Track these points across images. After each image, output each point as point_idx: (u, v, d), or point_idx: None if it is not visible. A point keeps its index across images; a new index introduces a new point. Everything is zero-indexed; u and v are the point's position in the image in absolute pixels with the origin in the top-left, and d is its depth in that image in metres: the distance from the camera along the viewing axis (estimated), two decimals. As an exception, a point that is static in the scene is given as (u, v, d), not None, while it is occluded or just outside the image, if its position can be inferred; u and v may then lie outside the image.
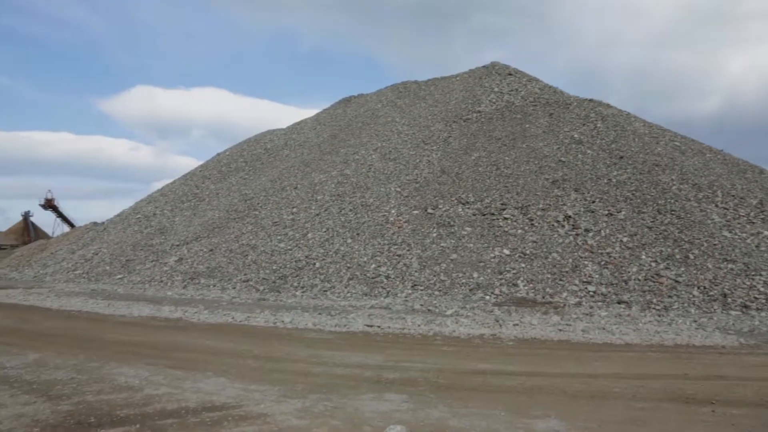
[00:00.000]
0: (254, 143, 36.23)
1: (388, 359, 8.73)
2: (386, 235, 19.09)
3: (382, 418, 5.66)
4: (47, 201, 72.00)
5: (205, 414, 5.75)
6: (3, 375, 7.41)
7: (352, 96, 38.10)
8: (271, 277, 18.47)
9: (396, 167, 23.97)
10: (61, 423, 5.42)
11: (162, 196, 32.85)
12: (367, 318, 12.98)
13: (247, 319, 13.16)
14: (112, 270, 23.69)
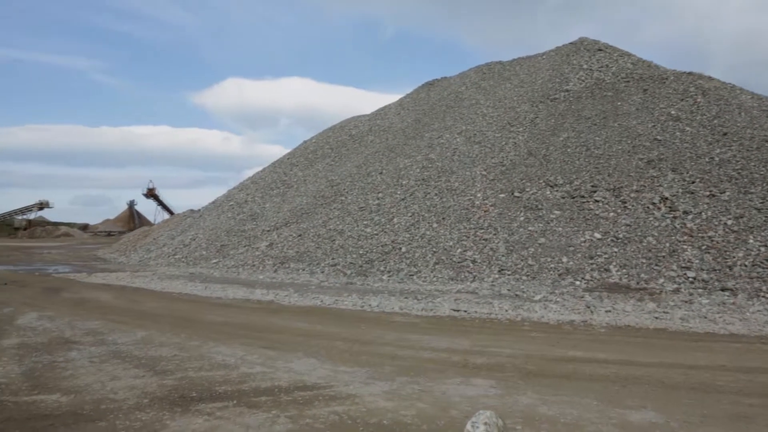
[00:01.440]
0: (339, 130, 36.82)
1: (475, 344, 8.71)
2: (472, 219, 18.92)
3: (469, 403, 5.67)
4: (149, 190, 76.77)
5: (296, 393, 5.99)
6: (116, 350, 8.03)
7: (435, 79, 37.79)
8: (358, 261, 18.81)
9: (481, 150, 23.63)
10: (167, 396, 5.81)
11: (252, 184, 34.14)
12: (453, 302, 12.97)
13: (336, 303, 13.51)
14: (208, 254, 24.97)
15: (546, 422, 5.14)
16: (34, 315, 11.34)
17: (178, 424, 4.97)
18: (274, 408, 5.44)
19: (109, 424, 4.94)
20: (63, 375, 6.64)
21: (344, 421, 5.08)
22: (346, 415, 5.26)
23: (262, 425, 4.94)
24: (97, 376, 6.60)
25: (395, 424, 5.03)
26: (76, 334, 9.34)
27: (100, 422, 4.99)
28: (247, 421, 5.06)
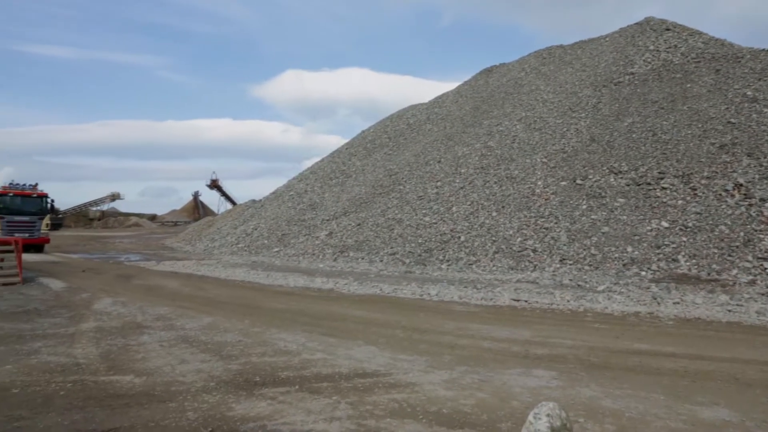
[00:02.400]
0: (397, 119, 36.81)
1: (536, 334, 8.58)
2: (532, 208, 18.57)
3: (530, 394, 5.60)
4: (212, 182, 79.11)
5: (357, 380, 6.07)
6: (184, 335, 8.36)
7: (494, 66, 37.14)
8: (417, 250, 18.83)
9: (542, 137, 23.12)
10: (232, 380, 6.01)
11: (312, 174, 34.65)
12: (513, 292, 12.81)
13: (395, 291, 13.57)
14: (269, 243, 25.57)
15: (610, 416, 5.02)
16: (108, 300, 11.93)
17: (243, 407, 5.14)
18: (335, 394, 5.54)
19: (179, 405, 5.15)
20: (136, 357, 6.97)
21: (404, 409, 5.11)
22: (405, 402, 5.29)
23: (323, 410, 5.04)
24: (167, 359, 6.89)
25: (455, 413, 5.02)
26: (147, 319, 9.77)
27: (170, 403, 5.22)
28: (309, 406, 5.17)
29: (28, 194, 27.21)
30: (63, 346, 7.62)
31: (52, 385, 5.77)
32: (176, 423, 4.71)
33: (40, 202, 27.50)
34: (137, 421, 4.75)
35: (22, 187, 27.33)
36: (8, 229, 25.21)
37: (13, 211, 26.20)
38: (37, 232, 26.78)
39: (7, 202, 26.40)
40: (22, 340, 7.93)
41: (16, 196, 26.76)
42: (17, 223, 25.98)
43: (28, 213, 26.70)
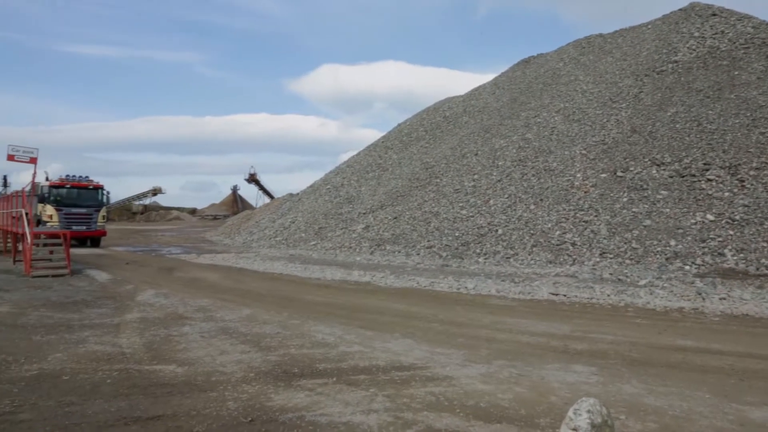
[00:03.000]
0: (433, 112, 36.63)
1: (575, 329, 8.45)
2: (572, 201, 18.27)
3: (569, 389, 5.52)
4: (251, 176, 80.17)
5: (394, 372, 6.08)
6: (223, 327, 8.51)
7: (531, 56, 36.57)
8: (454, 243, 18.74)
9: (581, 129, 22.68)
10: (271, 371, 6.09)
11: (348, 168, 34.79)
12: (552, 286, 12.64)
13: (431, 284, 13.55)
14: (306, 237, 25.81)
15: (653, 413, 4.91)
16: (151, 292, 12.24)
17: (282, 397, 5.20)
18: (372, 386, 5.56)
19: (219, 395, 5.25)
20: (177, 348, 7.14)
21: (441, 402, 5.11)
22: (442, 396, 5.29)
23: (360, 403, 5.07)
24: (208, 350, 7.03)
25: (492, 408, 4.99)
26: (188, 310, 9.98)
27: (211, 392, 5.32)
28: (347, 398, 5.21)
29: (85, 186, 26.67)
30: (109, 335, 7.85)
31: (99, 373, 5.96)
32: (217, 412, 4.80)
33: (96, 194, 26.98)
34: (179, 409, 4.87)
35: (78, 179, 26.76)
36: (66, 222, 24.66)
37: (70, 204, 25.63)
38: (94, 224, 26.29)
39: (64, 195, 25.86)
40: (71, 330, 8.21)
41: (73, 188, 26.23)
42: (75, 215, 25.41)
43: (85, 205, 26.13)
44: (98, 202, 26.76)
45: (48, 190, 25.38)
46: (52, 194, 25.35)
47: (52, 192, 25.42)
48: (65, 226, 23.74)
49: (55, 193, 25.46)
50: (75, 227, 24.39)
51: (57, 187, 25.75)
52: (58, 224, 24.32)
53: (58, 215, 24.82)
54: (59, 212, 24.89)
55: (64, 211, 25.05)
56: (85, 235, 26.18)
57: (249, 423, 4.56)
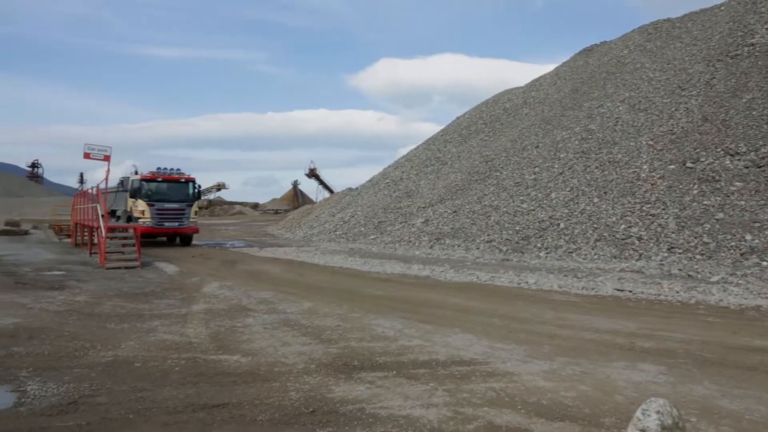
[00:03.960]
0: (493, 104, 36.10)
1: (642, 327, 8.16)
2: (637, 193, 17.63)
3: (636, 389, 5.34)
4: (311, 171, 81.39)
5: (454, 367, 6.05)
6: (285, 319, 8.69)
7: (594, 45, 35.39)
8: (514, 237, 18.45)
9: (647, 118, 21.82)
10: (332, 363, 6.18)
11: (407, 162, 34.77)
12: (616, 281, 12.25)
13: (492, 279, 13.39)
14: (366, 231, 25.98)
15: (727, 417, 4.68)
16: (216, 284, 12.63)
17: (342, 389, 5.27)
18: (432, 381, 5.55)
19: (282, 385, 5.37)
20: (241, 338, 7.34)
21: (502, 398, 5.04)
22: (503, 392, 5.22)
23: (420, 397, 5.07)
24: (270, 341, 7.20)
25: (555, 405, 4.89)
26: (251, 302, 10.25)
27: (273, 383, 5.45)
28: (407, 391, 5.22)
29: (177, 179, 24.57)
30: (177, 325, 8.16)
31: (168, 361, 6.20)
32: (279, 402, 4.91)
33: (188, 188, 24.81)
34: (243, 398, 5.01)
35: (169, 172, 24.68)
36: (158, 218, 23.25)
37: (162, 198, 23.70)
38: (187, 220, 24.29)
39: (156, 189, 23.87)
40: (142, 319, 8.58)
41: (165, 182, 24.18)
42: (167, 211, 23.60)
43: (177, 200, 24.11)
44: (190, 197, 24.70)
45: (139, 184, 23.66)
46: (143, 188, 23.56)
47: (144, 186, 23.60)
48: (157, 223, 23.08)
49: (147, 188, 23.62)
50: (167, 224, 23.52)
51: (148, 180, 23.85)
52: (150, 220, 23.01)
53: (150, 211, 23.14)
54: (151, 207, 23.18)
55: (156, 207, 23.34)
56: (177, 232, 24.70)
57: (310, 414, 4.63)
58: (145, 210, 23.09)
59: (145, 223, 22.53)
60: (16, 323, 8.13)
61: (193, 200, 24.70)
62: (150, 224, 22.82)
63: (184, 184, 24.70)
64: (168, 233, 24.73)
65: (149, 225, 22.73)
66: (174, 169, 24.85)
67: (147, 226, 22.47)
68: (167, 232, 24.54)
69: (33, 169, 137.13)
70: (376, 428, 4.34)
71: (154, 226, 23.06)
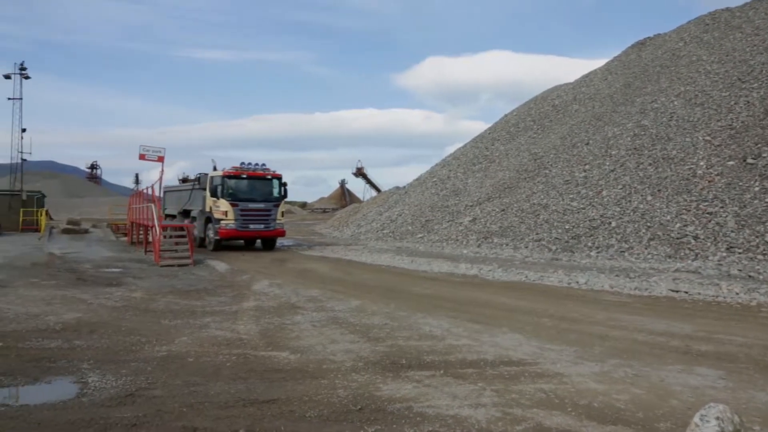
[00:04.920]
0: (541, 101, 35.48)
1: (699, 329, 7.88)
2: (693, 191, 17.02)
3: (693, 394, 5.16)
4: (358, 170, 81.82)
5: (502, 367, 5.98)
6: (334, 317, 8.78)
7: (647, 38, 34.32)
8: (564, 236, 18.10)
9: (704, 113, 21.03)
10: (379, 361, 6.20)
11: (454, 160, 34.55)
12: (671, 282, 11.86)
13: (541, 279, 13.18)
14: (413, 229, 25.96)
15: (791, 423, 4.47)
16: (266, 282, 12.86)
17: (390, 388, 5.28)
18: (480, 381, 5.51)
19: (330, 383, 5.42)
20: (290, 336, 7.45)
21: (551, 400, 4.96)
22: (553, 393, 5.13)
23: (468, 396, 5.04)
24: (319, 338, 7.29)
25: (606, 408, 4.77)
26: (300, 300, 10.39)
27: (322, 380, 5.51)
28: (454, 391, 5.19)
29: (262, 176, 21.97)
30: (228, 322, 8.35)
31: (220, 356, 6.35)
32: (328, 399, 4.96)
33: (275, 186, 22.25)
34: (293, 394, 5.08)
35: (254, 168, 21.95)
36: (243, 220, 20.91)
37: (246, 198, 21.22)
38: (273, 222, 21.75)
39: (239, 187, 21.29)
40: (195, 316, 8.82)
41: (249, 179, 21.58)
42: (252, 211, 21.14)
43: (263, 199, 21.67)
44: (277, 196, 22.16)
45: (221, 181, 21.07)
46: (226, 186, 20.94)
47: (227, 183, 20.97)
48: (241, 225, 20.89)
49: (230, 185, 20.99)
50: (252, 226, 21.22)
51: (232, 177, 21.16)
52: (234, 222, 20.73)
53: (233, 212, 20.69)
54: (234, 208, 20.71)
55: (241, 207, 20.84)
56: (262, 235, 22.29)
57: (358, 411, 4.67)
58: (228, 211, 20.72)
59: (227, 225, 20.70)
60: (77, 318, 8.49)
61: (279, 200, 22.15)
62: (233, 227, 20.75)
63: (270, 182, 22.15)
64: (252, 236, 22.48)
65: (232, 228, 20.73)
66: (259, 165, 22.15)
67: (229, 229, 20.74)
68: (251, 236, 22.21)
69: (92, 170, 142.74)
70: (424, 427, 4.34)
71: (237, 229, 20.90)
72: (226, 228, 20.60)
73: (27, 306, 9.43)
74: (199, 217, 22.56)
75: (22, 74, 41.65)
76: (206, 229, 22.00)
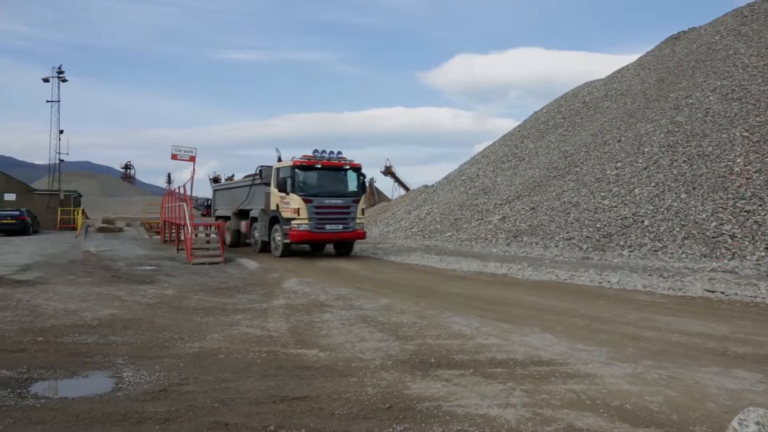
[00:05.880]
0: (572, 97, 35.01)
1: (736, 330, 7.68)
2: (730, 189, 16.60)
3: (729, 397, 5.03)
4: (386, 168, 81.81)
5: (532, 367, 5.92)
6: (362, 315, 8.80)
7: (682, 32, 33.58)
8: (595, 235, 17.84)
9: (741, 108, 20.49)
10: (408, 360, 6.20)
11: (483, 158, 34.33)
12: (707, 282, 11.59)
13: (571, 278, 13.01)
14: (442, 228, 25.88)
15: (834, 427, 4.33)
16: (295, 280, 12.96)
17: (419, 386, 5.28)
18: (509, 380, 5.46)
19: (359, 381, 5.44)
20: (320, 334, 7.50)
21: (582, 401, 4.89)
22: (584, 394, 5.06)
23: (497, 396, 5.00)
24: (348, 336, 7.31)
25: (640, 410, 4.69)
26: (329, 298, 10.44)
27: (351, 378, 5.53)
28: (484, 390, 5.16)
29: (339, 166, 18.46)
30: (258, 319, 8.44)
31: (250, 353, 6.43)
32: (357, 397, 4.98)
33: (353, 178, 18.66)
34: (322, 392, 5.11)
35: (328, 157, 18.36)
36: (318, 220, 17.45)
37: (321, 193, 17.77)
38: (353, 222, 18.23)
39: (313, 180, 17.92)
40: (226, 313, 8.94)
41: (324, 170, 18.18)
42: (329, 209, 17.69)
43: (340, 194, 18.19)
44: (356, 190, 18.60)
45: (290, 172, 17.71)
46: (297, 179, 17.58)
47: (298, 176, 17.62)
48: (317, 226, 17.42)
49: (302, 178, 17.66)
50: (329, 227, 17.75)
51: (304, 168, 17.76)
52: (308, 223, 17.28)
53: (307, 209, 17.29)
54: (309, 205, 17.34)
55: (315, 204, 17.44)
56: (341, 237, 18.52)
57: (387, 409, 4.67)
58: (300, 208, 17.31)
59: (300, 226, 17.28)
60: (113, 314, 8.68)
61: (359, 194, 18.67)
62: (306, 228, 17.25)
63: (348, 173, 18.64)
64: (329, 240, 18.92)
65: (305, 229, 17.26)
66: (334, 153, 18.54)
67: (302, 231, 17.29)
68: (328, 239, 18.67)
69: (126, 170, 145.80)
70: (453, 426, 4.32)
71: (312, 231, 17.36)
72: (297, 229, 17.27)
73: (65, 302, 9.69)
74: (261, 218, 19.56)
75: (59, 77, 42.79)
76: (271, 231, 18.90)
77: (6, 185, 40.11)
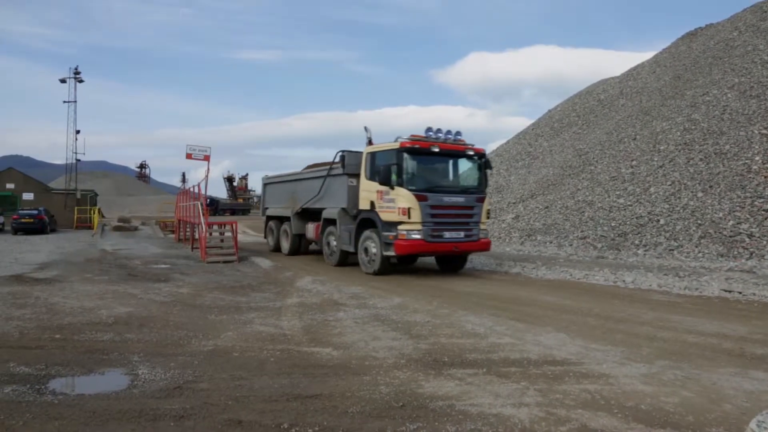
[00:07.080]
0: (586, 95, 34.77)
1: (755, 331, 7.59)
2: (748, 187, 16.39)
3: (747, 398, 4.97)
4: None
5: (546, 367, 5.89)
6: (376, 314, 8.81)
7: (698, 28, 33.21)
8: (610, 234, 17.70)
9: (760, 105, 20.22)
10: (421, 359, 6.19)
11: (497, 157, 34.20)
12: (724, 282, 11.46)
13: (586, 277, 12.93)
14: (455, 227, 25.79)
15: None
16: (309, 279, 13.00)
17: (432, 385, 5.27)
18: (523, 380, 5.44)
19: (372, 379, 5.45)
20: (333, 332, 7.51)
21: (596, 401, 4.86)
22: (598, 394, 5.03)
23: (511, 395, 4.98)
24: (361, 335, 7.32)
25: (655, 411, 4.65)
26: (343, 297, 10.46)
27: (364, 376, 5.54)
28: (497, 389, 5.15)
29: (461, 151, 13.53)
30: (272, 318, 8.48)
31: (264, 351, 6.46)
32: (370, 395, 4.99)
33: (477, 169, 13.94)
34: (335, 390, 5.13)
35: (444, 139, 13.44)
36: (434, 225, 12.75)
37: (438, 187, 13.07)
38: (476, 228, 13.46)
39: (427, 170, 13.19)
40: (240, 311, 8.99)
41: (441, 157, 13.39)
42: (449, 209, 13.01)
43: (462, 190, 13.61)
44: (478, 185, 13.87)
45: (396, 157, 12.73)
46: (406, 167, 12.74)
47: (407, 163, 12.76)
48: (433, 234, 12.71)
49: (413, 166, 12.86)
50: (448, 234, 12.98)
51: (415, 152, 12.84)
52: (421, 229, 12.58)
53: (420, 209, 12.57)
54: (423, 203, 12.60)
55: (431, 202, 12.70)
56: (462, 249, 13.49)
57: (400, 408, 4.67)
58: (412, 208, 12.53)
59: (411, 234, 12.55)
60: (128, 312, 8.76)
61: (483, 191, 13.93)
62: (418, 236, 12.54)
63: (471, 161, 13.93)
64: (447, 252, 13.65)
65: (417, 237, 12.55)
66: (451, 134, 13.66)
67: (414, 240, 12.55)
68: (446, 251, 13.45)
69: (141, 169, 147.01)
70: (466, 425, 4.31)
71: (426, 240, 12.64)
72: (408, 238, 12.52)
73: (81, 300, 9.80)
74: (343, 220, 14.77)
75: (76, 78, 43.19)
76: (359, 238, 14.04)
77: (24, 185, 40.66)
